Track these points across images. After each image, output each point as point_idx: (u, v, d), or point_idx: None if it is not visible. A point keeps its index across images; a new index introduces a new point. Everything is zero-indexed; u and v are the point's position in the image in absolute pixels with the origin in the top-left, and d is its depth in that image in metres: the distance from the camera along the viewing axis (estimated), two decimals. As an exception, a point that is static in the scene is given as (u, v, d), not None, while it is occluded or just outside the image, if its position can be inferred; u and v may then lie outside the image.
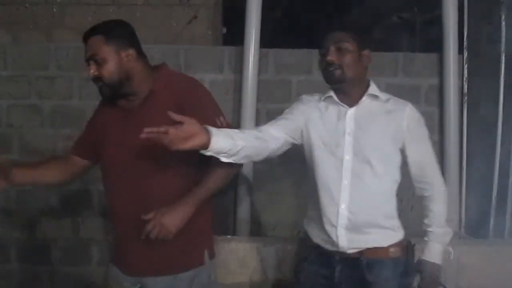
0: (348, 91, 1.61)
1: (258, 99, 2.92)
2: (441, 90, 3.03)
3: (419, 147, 1.62)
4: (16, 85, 3.07)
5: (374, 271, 1.56)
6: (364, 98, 1.61)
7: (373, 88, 1.64)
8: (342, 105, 1.62)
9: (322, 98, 1.66)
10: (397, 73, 3.10)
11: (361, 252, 1.57)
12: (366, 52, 1.61)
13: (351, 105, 1.61)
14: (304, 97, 1.72)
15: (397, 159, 1.63)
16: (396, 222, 1.66)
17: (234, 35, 3.33)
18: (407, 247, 1.65)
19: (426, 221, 1.66)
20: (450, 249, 2.23)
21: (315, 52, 3.11)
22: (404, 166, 1.68)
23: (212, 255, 1.72)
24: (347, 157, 1.56)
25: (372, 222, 1.58)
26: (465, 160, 3.01)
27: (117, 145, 1.62)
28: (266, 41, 2.93)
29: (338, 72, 1.56)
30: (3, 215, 3.13)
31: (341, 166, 1.56)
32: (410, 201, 3.12)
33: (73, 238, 3.13)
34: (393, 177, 1.63)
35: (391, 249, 1.59)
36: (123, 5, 3.13)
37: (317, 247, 1.63)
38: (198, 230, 1.63)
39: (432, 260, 1.63)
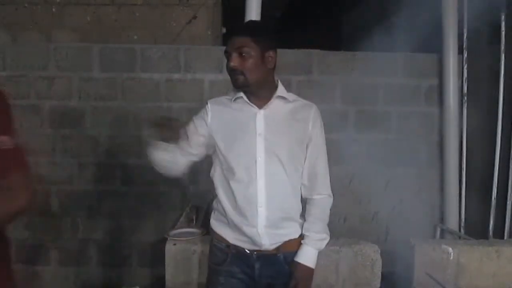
0: (256, 93, 1.62)
1: (258, 99, 2.92)
2: (441, 90, 3.03)
3: (316, 149, 1.68)
4: (15, 85, 3.07)
5: (290, 261, 1.66)
6: (272, 100, 1.63)
7: (281, 90, 1.66)
8: (252, 106, 1.63)
9: (233, 98, 1.65)
10: (397, 73, 3.10)
11: (278, 248, 1.64)
12: (270, 53, 1.60)
13: (260, 106, 1.63)
14: (209, 105, 1.68)
15: (303, 157, 1.67)
16: (300, 215, 1.74)
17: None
18: None
19: (305, 224, 1.69)
20: (450, 249, 2.25)
21: (315, 52, 3.15)
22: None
23: None
24: (260, 157, 1.59)
25: (286, 217, 1.65)
26: (465, 160, 3.01)
27: None
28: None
29: (241, 78, 1.57)
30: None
31: (255, 166, 1.59)
32: (410, 201, 3.12)
33: (73, 238, 3.14)
34: (300, 174, 1.68)
35: (300, 240, 1.69)
36: (122, 5, 3.13)
37: (234, 247, 1.64)
38: None
39: (305, 263, 1.64)
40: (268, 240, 1.61)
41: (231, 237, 1.65)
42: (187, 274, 2.18)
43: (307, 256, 1.65)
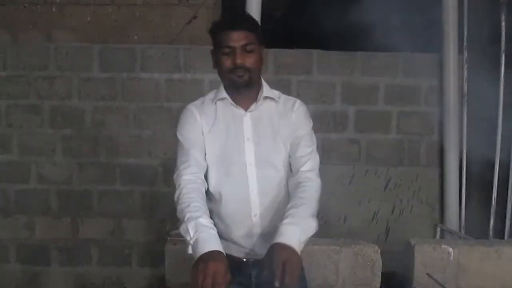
0: (248, 93, 1.51)
1: (258, 99, 2.92)
2: (441, 90, 3.03)
3: (299, 138, 1.53)
4: (15, 85, 3.07)
5: None
6: (260, 101, 1.52)
7: (266, 89, 1.55)
8: (238, 108, 1.52)
9: (216, 99, 1.53)
10: (397, 73, 3.10)
11: None
12: (263, 49, 1.51)
13: (246, 107, 1.51)
14: (193, 108, 1.56)
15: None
16: None
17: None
18: None
19: (290, 204, 1.41)
20: (450, 249, 2.25)
21: (315, 52, 3.15)
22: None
23: None
24: (251, 163, 1.48)
25: (279, 222, 1.41)
26: (465, 160, 3.01)
27: None
28: (266, 41, 2.92)
29: (246, 76, 1.45)
30: (3, 215, 3.13)
31: (245, 173, 1.47)
32: (410, 201, 3.13)
33: (73, 238, 3.14)
34: (287, 176, 1.55)
35: None
36: (122, 5, 3.13)
37: (229, 257, 1.38)
38: None
39: (286, 242, 1.27)
40: (265, 250, 1.37)
41: (224, 246, 1.43)
42: (187, 274, 2.18)
43: (287, 235, 1.29)
